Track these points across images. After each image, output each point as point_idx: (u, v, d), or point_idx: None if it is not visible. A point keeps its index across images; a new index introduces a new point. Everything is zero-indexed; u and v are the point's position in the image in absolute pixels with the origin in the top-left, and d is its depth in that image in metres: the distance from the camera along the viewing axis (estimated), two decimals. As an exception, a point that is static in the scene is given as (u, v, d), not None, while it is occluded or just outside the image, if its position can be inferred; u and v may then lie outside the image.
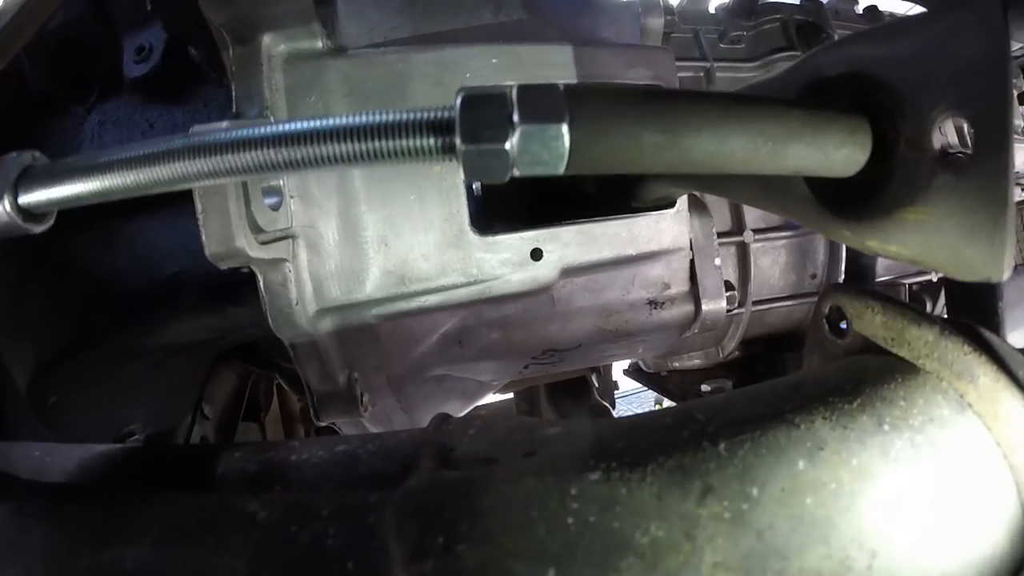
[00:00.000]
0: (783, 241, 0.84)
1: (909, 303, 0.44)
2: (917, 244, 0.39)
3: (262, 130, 0.35)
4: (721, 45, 0.85)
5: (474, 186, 0.68)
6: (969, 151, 0.36)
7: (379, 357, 0.67)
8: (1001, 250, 0.35)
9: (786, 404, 0.40)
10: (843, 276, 0.86)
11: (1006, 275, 0.36)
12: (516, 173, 0.34)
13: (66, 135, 0.75)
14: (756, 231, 0.80)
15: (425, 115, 0.34)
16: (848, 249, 0.85)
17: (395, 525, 0.34)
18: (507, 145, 0.33)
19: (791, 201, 0.47)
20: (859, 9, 1.00)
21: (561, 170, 0.35)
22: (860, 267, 0.86)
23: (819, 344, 0.51)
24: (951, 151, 0.38)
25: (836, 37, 0.86)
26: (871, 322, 0.45)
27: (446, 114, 0.33)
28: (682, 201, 0.67)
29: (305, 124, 0.35)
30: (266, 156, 0.35)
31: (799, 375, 0.47)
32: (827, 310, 0.49)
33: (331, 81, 0.60)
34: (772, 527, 0.34)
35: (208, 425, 0.92)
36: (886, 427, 0.38)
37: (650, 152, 0.36)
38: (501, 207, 0.70)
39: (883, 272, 0.89)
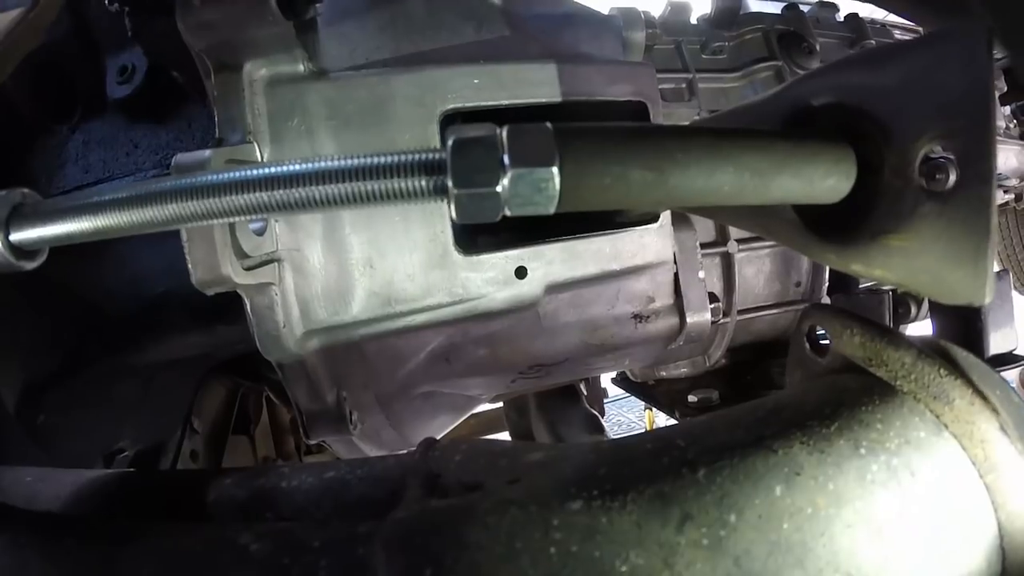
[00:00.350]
0: (767, 250, 0.85)
1: (887, 326, 0.45)
2: (901, 269, 0.40)
3: (255, 172, 0.35)
4: (703, 56, 0.86)
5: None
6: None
7: (367, 376, 0.67)
8: (983, 276, 0.35)
9: (765, 429, 0.41)
10: (827, 284, 0.87)
11: (987, 300, 0.36)
12: (507, 213, 0.35)
13: (50, 154, 0.76)
14: (740, 241, 0.81)
15: (416, 157, 0.34)
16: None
17: (384, 557, 0.35)
18: (498, 188, 0.33)
19: (777, 225, 0.47)
20: (840, 17, 1.01)
21: (552, 210, 0.35)
22: (844, 275, 0.87)
23: (800, 362, 0.52)
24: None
25: (817, 46, 0.86)
26: (850, 343, 0.46)
27: (437, 156, 0.34)
28: (665, 216, 0.68)
29: (297, 167, 0.35)
30: (259, 199, 0.35)
31: (779, 397, 0.48)
32: (807, 329, 0.50)
33: (313, 105, 0.60)
34: (749, 553, 0.34)
35: (198, 439, 0.92)
36: (863, 451, 0.39)
37: (639, 190, 0.36)
38: (485, 225, 0.70)
39: (867, 281, 0.90)
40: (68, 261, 0.75)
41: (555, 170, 0.33)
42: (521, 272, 0.64)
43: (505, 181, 0.33)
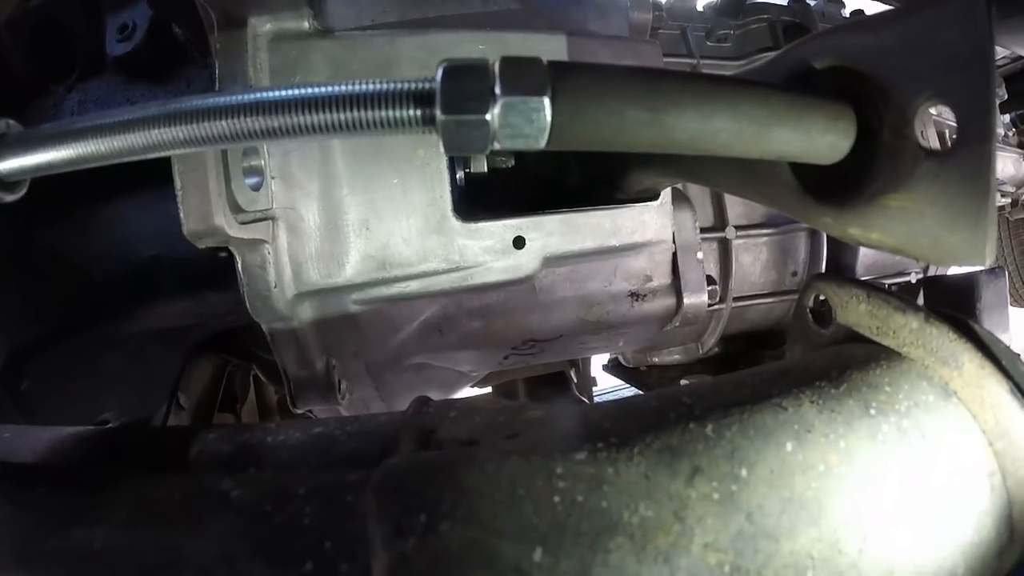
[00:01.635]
0: (765, 238, 0.85)
1: (892, 291, 0.44)
2: (899, 231, 0.39)
3: (240, 97, 0.34)
4: (708, 43, 0.85)
5: (457, 175, 0.67)
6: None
7: (358, 344, 0.66)
8: (983, 236, 0.35)
9: (772, 388, 0.40)
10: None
11: (988, 261, 0.36)
12: (496, 146, 0.34)
13: (45, 113, 0.73)
14: (738, 228, 0.81)
15: (406, 86, 0.33)
16: (829, 247, 0.86)
17: (374, 504, 0.33)
18: (488, 116, 0.32)
19: (774, 188, 0.47)
20: (846, 12, 1.02)
21: (542, 144, 0.34)
22: (840, 266, 0.87)
23: (802, 334, 0.51)
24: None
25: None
26: (855, 311, 0.46)
27: (427, 85, 0.32)
28: (666, 194, 0.67)
29: (284, 92, 0.34)
30: (243, 124, 0.34)
31: (784, 363, 0.47)
32: (811, 300, 0.50)
33: (316, 62, 0.59)
34: (762, 508, 0.33)
35: (183, 415, 0.90)
36: (872, 411, 0.38)
37: (632, 129, 0.36)
38: (484, 197, 0.69)
39: (863, 272, 0.91)
40: (55, 225, 0.73)
41: (547, 101, 0.32)
42: (519, 242, 0.63)
43: (496, 110, 0.32)
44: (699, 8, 0.90)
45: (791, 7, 0.88)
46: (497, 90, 0.32)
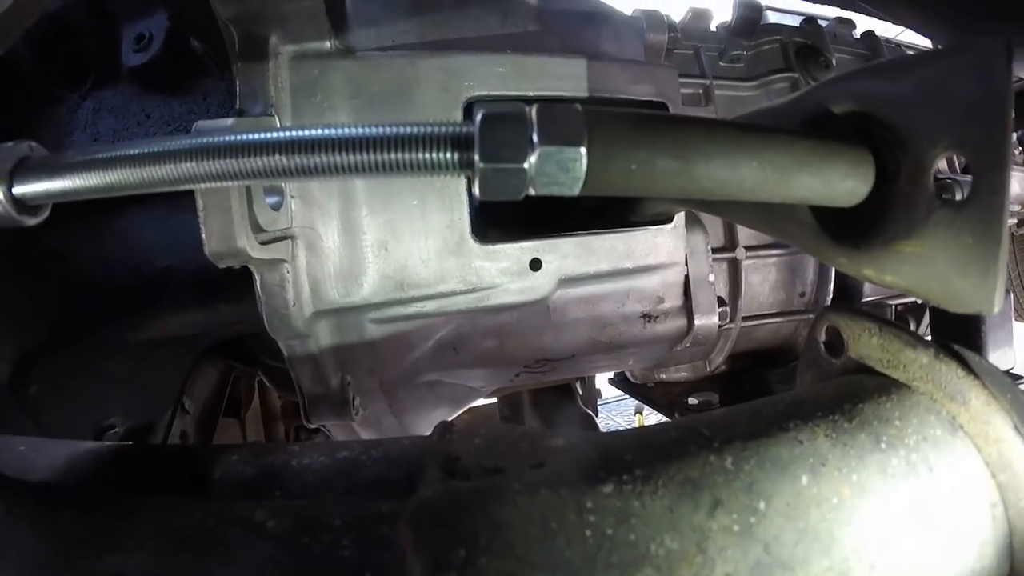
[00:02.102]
0: (774, 259, 0.87)
1: (903, 327, 0.46)
2: (912, 275, 0.41)
3: (274, 135, 0.34)
4: (721, 63, 0.87)
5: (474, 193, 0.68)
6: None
7: (373, 361, 0.67)
8: (993, 285, 0.36)
9: (788, 421, 0.41)
10: (831, 296, 0.89)
11: (996, 309, 0.37)
12: (532, 192, 0.35)
13: (59, 122, 0.73)
14: (748, 248, 0.82)
15: (445, 130, 0.33)
16: (837, 270, 0.88)
17: (412, 537, 0.34)
18: (525, 165, 0.33)
19: (792, 227, 0.48)
20: (856, 34, 1.03)
21: (577, 191, 0.35)
22: (848, 287, 0.89)
23: (813, 362, 0.53)
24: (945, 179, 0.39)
25: (834, 61, 0.88)
26: (867, 344, 0.47)
27: (465, 130, 0.33)
28: (679, 217, 0.69)
29: (321, 132, 0.34)
30: (278, 162, 0.34)
31: (797, 393, 0.48)
32: (823, 330, 0.51)
33: (337, 82, 0.60)
34: (778, 539, 0.35)
35: (188, 420, 0.90)
36: (883, 445, 0.40)
37: (663, 178, 0.37)
38: (498, 215, 0.70)
39: (870, 293, 0.92)
40: (68, 232, 0.73)
41: (583, 150, 0.33)
42: (536, 264, 0.64)
43: (532, 159, 0.33)
44: (712, 28, 0.92)
45: (803, 29, 0.89)
46: (534, 138, 0.33)
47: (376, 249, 0.62)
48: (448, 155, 0.34)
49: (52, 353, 0.73)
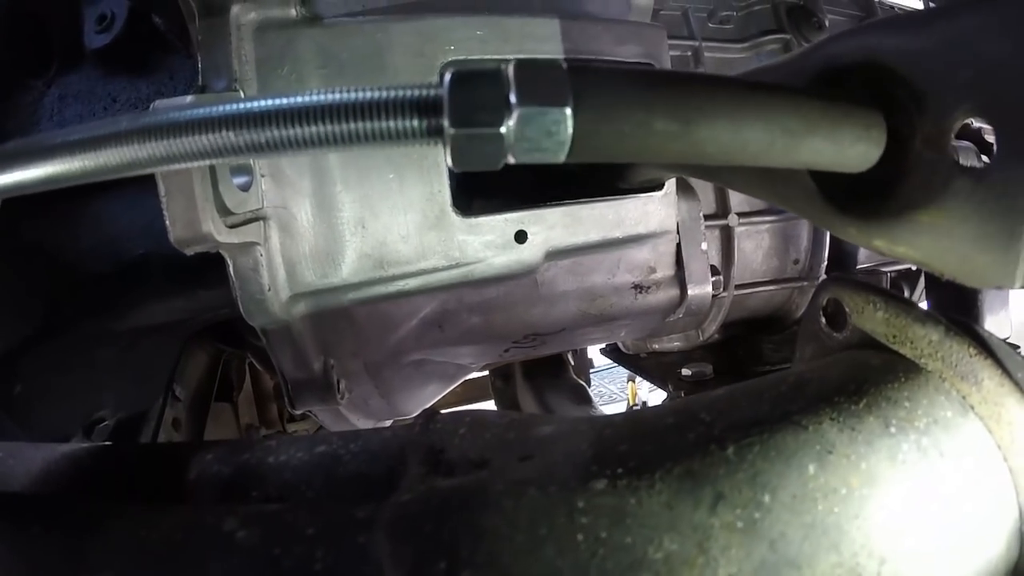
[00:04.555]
0: (767, 225, 0.84)
1: (911, 301, 0.43)
2: (928, 247, 0.38)
3: (221, 109, 0.30)
4: (710, 24, 0.83)
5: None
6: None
7: (356, 343, 0.64)
8: (1016, 259, 0.33)
9: (791, 404, 0.39)
10: (825, 263, 0.87)
11: (1019, 284, 0.35)
12: (511, 160, 0.31)
13: (24, 111, 0.70)
14: (740, 215, 0.79)
15: (408, 93, 0.29)
16: (832, 235, 0.85)
17: (389, 548, 0.32)
18: (502, 129, 0.29)
19: (795, 194, 0.45)
20: None
21: (562, 158, 0.32)
22: (842, 254, 0.87)
23: (813, 336, 0.50)
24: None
25: (827, 22, 0.85)
26: (871, 318, 0.45)
27: (432, 92, 0.29)
28: (670, 184, 0.65)
29: (269, 103, 0.30)
30: (226, 139, 0.30)
31: (800, 372, 0.46)
32: (824, 302, 0.49)
33: (305, 52, 0.56)
34: (784, 536, 0.33)
35: (180, 407, 0.88)
36: (892, 429, 0.37)
37: (660, 141, 0.33)
38: (480, 185, 0.67)
39: (864, 259, 0.90)
40: (41, 223, 0.70)
41: (568, 111, 0.29)
42: (521, 236, 0.61)
43: (511, 122, 0.29)
44: None
45: None
46: (512, 99, 0.29)
47: (353, 227, 0.59)
48: (413, 122, 0.29)
49: (36, 349, 0.71)
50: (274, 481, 0.45)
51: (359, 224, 0.59)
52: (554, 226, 0.62)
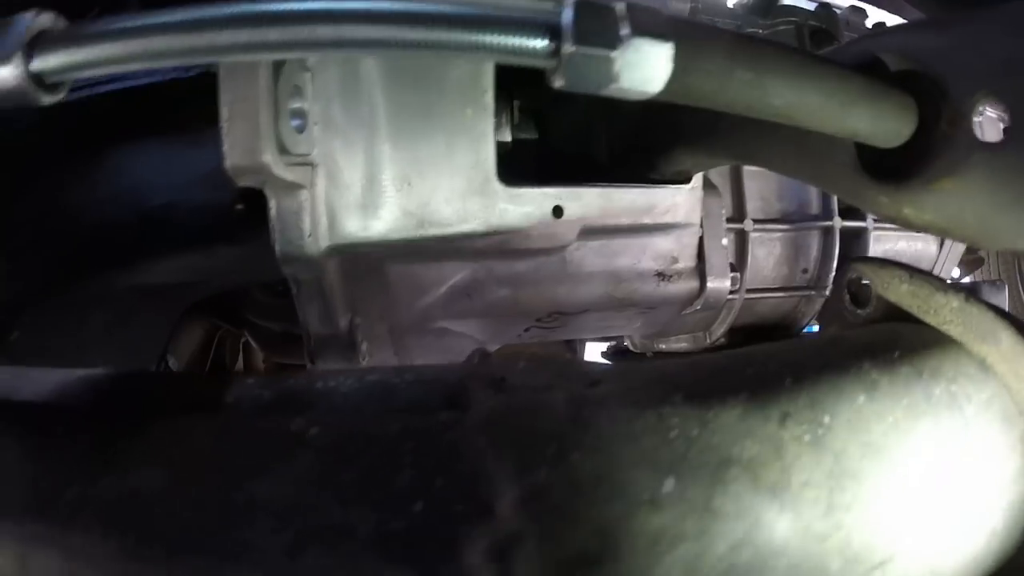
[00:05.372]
0: (779, 234, 0.89)
1: (931, 273, 0.48)
2: (953, 213, 0.43)
3: (339, 5, 0.31)
4: (736, 41, 0.88)
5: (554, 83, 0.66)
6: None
7: (385, 304, 0.64)
8: None
9: (832, 353, 0.42)
10: (834, 273, 0.92)
11: None
12: (612, 87, 0.34)
13: None
14: (756, 221, 0.84)
15: (532, 14, 0.32)
16: (841, 247, 0.91)
17: (487, 439, 0.32)
18: (614, 54, 0.32)
19: (830, 168, 0.49)
20: (868, 24, 1.08)
21: (659, 89, 0.35)
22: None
23: (838, 315, 0.54)
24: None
25: (845, 46, 0.92)
26: (897, 290, 0.49)
27: (554, 16, 0.32)
28: (697, 179, 0.70)
29: (408, 4, 0.31)
30: (357, 31, 0.31)
31: (831, 334, 0.50)
32: (849, 280, 0.53)
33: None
34: (846, 452, 0.35)
35: (171, 379, 0.85)
36: (925, 376, 0.41)
37: (737, 88, 0.37)
38: (513, 167, 0.69)
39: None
40: (57, 168, 0.68)
41: (671, 46, 0.33)
42: (558, 211, 0.64)
43: (621, 49, 0.32)
44: (729, 5, 0.94)
45: (818, 13, 0.92)
46: (625, 31, 0.32)
47: (398, 184, 0.60)
48: (536, 41, 0.31)
49: (37, 301, 0.68)
50: (324, 405, 0.44)
51: (405, 181, 0.60)
52: (589, 205, 0.65)
